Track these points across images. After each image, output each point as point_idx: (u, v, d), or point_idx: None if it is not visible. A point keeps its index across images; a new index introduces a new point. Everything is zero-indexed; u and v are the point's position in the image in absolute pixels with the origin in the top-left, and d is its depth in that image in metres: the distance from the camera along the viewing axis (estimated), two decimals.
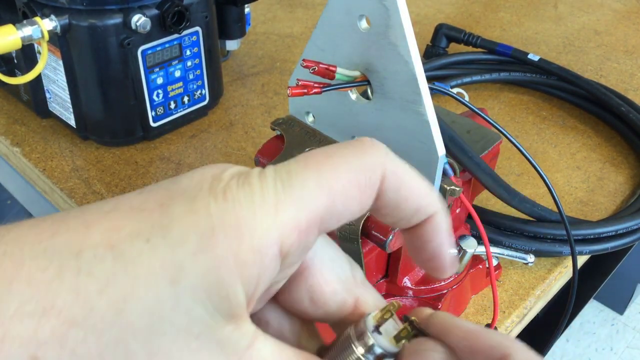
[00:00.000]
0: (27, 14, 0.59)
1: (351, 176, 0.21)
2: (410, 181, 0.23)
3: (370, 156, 0.22)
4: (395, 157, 0.22)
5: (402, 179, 0.22)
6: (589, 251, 0.56)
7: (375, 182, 0.21)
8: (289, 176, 0.20)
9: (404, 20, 0.34)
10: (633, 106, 0.73)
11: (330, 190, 0.20)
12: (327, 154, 0.21)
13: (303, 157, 0.21)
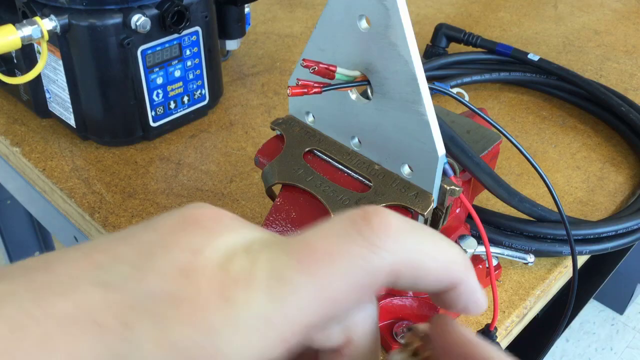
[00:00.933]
0: (27, 13, 0.59)
1: (352, 280, 0.19)
2: (426, 261, 0.21)
3: (378, 255, 0.19)
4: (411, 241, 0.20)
5: (415, 264, 0.20)
6: (589, 251, 0.56)
7: (379, 282, 0.19)
8: (284, 282, 0.18)
9: (404, 20, 0.34)
10: (633, 106, 0.73)
11: (325, 300, 0.18)
12: (326, 252, 0.19)
13: (297, 252, 0.19)
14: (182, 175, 0.64)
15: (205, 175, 0.64)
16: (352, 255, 0.19)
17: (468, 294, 0.22)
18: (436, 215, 0.41)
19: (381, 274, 0.19)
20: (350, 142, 0.42)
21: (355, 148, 0.42)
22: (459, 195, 0.41)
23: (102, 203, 0.60)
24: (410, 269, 0.20)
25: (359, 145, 0.42)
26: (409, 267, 0.20)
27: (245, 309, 0.17)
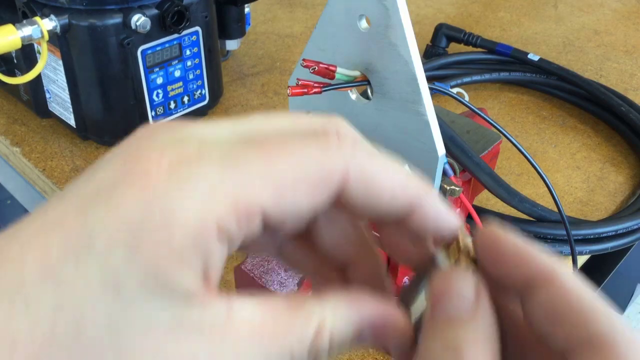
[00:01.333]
0: (27, 13, 0.59)
1: (304, 174, 0.20)
2: (380, 173, 0.21)
3: (331, 156, 0.20)
4: (364, 150, 0.21)
5: (368, 174, 0.21)
6: (589, 251, 0.56)
7: (332, 182, 0.20)
8: (236, 159, 0.19)
9: (404, 20, 0.34)
10: (633, 106, 0.73)
11: (277, 183, 0.19)
12: (285, 142, 0.20)
13: (259, 139, 0.20)
14: None
15: None
16: (306, 149, 0.20)
17: (432, 213, 0.22)
18: None
19: (333, 174, 0.20)
20: None
21: None
22: (459, 195, 0.41)
23: None
24: (363, 179, 0.21)
25: None
26: (362, 177, 0.21)
27: (195, 176, 0.18)
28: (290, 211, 0.20)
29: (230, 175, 0.19)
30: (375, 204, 0.22)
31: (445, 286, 0.21)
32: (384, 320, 0.22)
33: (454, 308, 0.21)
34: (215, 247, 0.19)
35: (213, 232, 0.19)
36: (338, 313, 0.21)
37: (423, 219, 0.23)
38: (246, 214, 0.19)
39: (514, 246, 0.22)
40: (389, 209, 0.22)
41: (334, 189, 0.21)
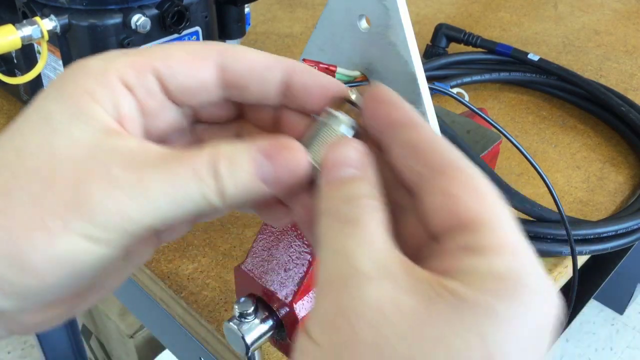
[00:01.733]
0: (27, 13, 0.59)
1: (186, 47, 0.26)
2: (251, 53, 0.27)
3: (209, 42, 0.27)
4: (238, 45, 0.27)
5: (241, 52, 0.26)
6: (589, 251, 0.56)
7: (210, 54, 0.26)
8: (139, 50, 0.26)
9: (404, 20, 0.34)
10: (633, 106, 0.73)
11: (164, 49, 0.26)
12: (176, 42, 0.27)
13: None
14: None
15: None
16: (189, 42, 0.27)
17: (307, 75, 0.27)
18: None
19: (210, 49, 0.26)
20: None
21: None
22: None
23: None
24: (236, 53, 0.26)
25: None
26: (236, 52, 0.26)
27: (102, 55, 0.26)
28: (181, 71, 0.26)
29: (127, 51, 0.26)
30: (254, 79, 0.26)
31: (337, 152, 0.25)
32: (279, 147, 0.25)
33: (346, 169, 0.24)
34: (120, 89, 0.25)
35: (114, 77, 0.25)
36: (236, 145, 0.25)
37: (303, 84, 0.27)
38: (140, 67, 0.25)
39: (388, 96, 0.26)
40: (268, 83, 0.27)
41: (211, 61, 0.26)
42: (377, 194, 0.24)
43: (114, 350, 1.21)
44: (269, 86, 0.27)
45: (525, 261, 0.21)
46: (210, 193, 0.24)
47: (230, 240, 0.57)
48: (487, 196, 0.23)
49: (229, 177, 0.24)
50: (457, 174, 0.23)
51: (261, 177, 0.25)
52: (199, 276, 0.54)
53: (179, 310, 0.53)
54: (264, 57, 0.27)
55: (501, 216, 0.23)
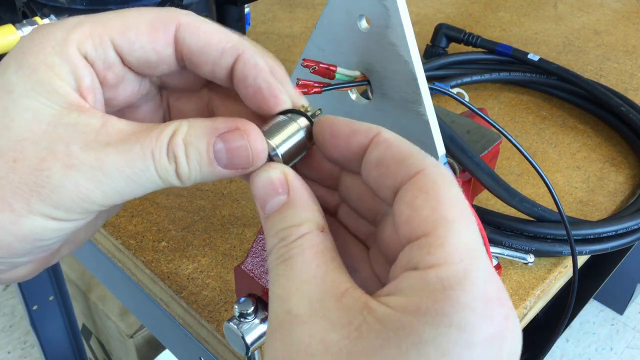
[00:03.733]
0: (27, 13, 0.59)
1: (143, 17, 0.26)
2: (207, 28, 0.26)
3: (165, 10, 0.26)
4: (196, 15, 0.27)
5: (197, 26, 0.26)
6: (589, 251, 0.56)
7: (167, 25, 0.26)
8: (96, 15, 0.26)
9: (404, 20, 0.34)
10: (633, 106, 0.73)
11: (123, 21, 0.26)
12: (135, 8, 0.27)
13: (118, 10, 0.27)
14: None
15: None
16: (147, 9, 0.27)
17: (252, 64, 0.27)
18: None
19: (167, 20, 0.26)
20: None
21: None
22: None
23: None
24: (193, 27, 0.26)
25: None
26: (193, 26, 0.26)
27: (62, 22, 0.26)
28: (138, 43, 0.26)
29: (86, 20, 0.26)
30: (206, 52, 0.26)
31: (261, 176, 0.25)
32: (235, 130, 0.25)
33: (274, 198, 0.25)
34: (80, 62, 0.25)
35: (74, 50, 0.25)
36: (193, 123, 0.25)
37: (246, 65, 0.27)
38: (98, 39, 0.25)
39: (346, 124, 0.26)
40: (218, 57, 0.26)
41: (169, 31, 0.26)
42: (311, 215, 0.24)
43: (114, 350, 1.21)
44: (220, 70, 0.27)
45: (464, 275, 0.20)
46: (168, 174, 0.24)
47: (230, 240, 0.57)
48: (442, 205, 0.21)
49: (185, 159, 0.24)
50: (421, 182, 0.22)
51: (217, 160, 0.25)
52: (199, 276, 0.54)
53: (179, 310, 0.53)
54: (218, 37, 0.27)
55: (452, 226, 0.21)
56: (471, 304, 0.19)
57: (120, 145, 0.24)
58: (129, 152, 0.24)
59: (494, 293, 0.20)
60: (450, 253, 0.20)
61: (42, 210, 0.24)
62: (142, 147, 0.24)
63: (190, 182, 0.25)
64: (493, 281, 0.20)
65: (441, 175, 0.22)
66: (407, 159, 0.23)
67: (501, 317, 0.19)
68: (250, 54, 0.27)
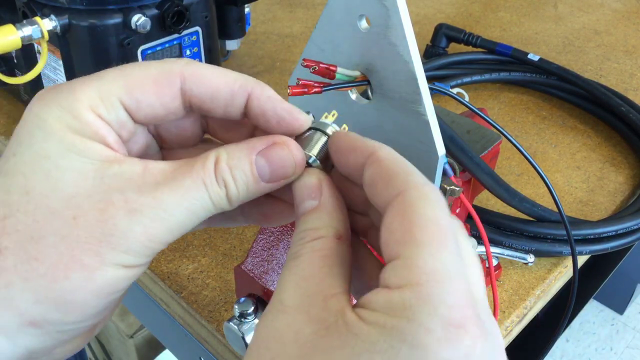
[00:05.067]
0: (27, 13, 0.59)
1: (147, 73, 0.26)
2: (214, 75, 0.27)
3: (167, 62, 0.27)
4: (198, 63, 0.27)
5: (203, 75, 0.27)
6: (589, 251, 0.56)
7: (172, 80, 0.27)
8: (97, 74, 0.26)
9: (404, 20, 0.34)
10: (633, 106, 0.73)
11: (127, 80, 0.26)
12: (137, 64, 0.27)
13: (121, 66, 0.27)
14: None
15: None
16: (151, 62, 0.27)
17: (265, 98, 0.27)
18: None
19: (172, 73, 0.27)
20: None
21: None
22: (459, 195, 0.41)
23: None
24: (199, 77, 0.27)
25: None
26: (198, 76, 0.27)
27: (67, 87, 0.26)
28: (145, 102, 0.26)
29: (90, 82, 0.26)
30: (216, 97, 0.27)
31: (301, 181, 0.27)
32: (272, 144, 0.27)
33: (306, 202, 0.26)
34: (99, 123, 0.26)
35: (90, 114, 0.25)
36: (230, 148, 0.26)
37: (258, 105, 0.27)
38: (108, 101, 0.26)
39: (348, 140, 0.27)
40: (229, 101, 0.27)
41: (175, 86, 0.27)
42: (331, 222, 0.26)
43: (114, 350, 1.21)
44: (233, 110, 0.28)
45: (426, 297, 0.20)
46: (220, 199, 0.26)
47: (230, 240, 0.57)
48: (413, 227, 0.22)
49: (233, 182, 0.26)
50: (399, 205, 0.23)
51: (260, 175, 0.26)
52: (199, 276, 0.54)
53: (179, 310, 0.53)
54: (224, 81, 0.27)
55: (421, 249, 0.22)
56: (428, 326, 0.20)
57: (170, 182, 0.25)
58: (183, 187, 0.25)
59: (460, 318, 0.20)
60: (415, 275, 0.21)
61: (114, 260, 0.24)
62: (193, 180, 0.25)
63: (237, 203, 0.27)
64: (462, 306, 0.20)
65: (420, 196, 0.23)
66: (392, 179, 0.24)
67: (464, 346, 0.20)
68: (260, 90, 0.28)
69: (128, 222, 0.24)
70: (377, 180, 0.25)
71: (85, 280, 0.24)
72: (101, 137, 0.26)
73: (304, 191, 0.27)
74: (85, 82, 0.26)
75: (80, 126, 0.25)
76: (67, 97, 0.25)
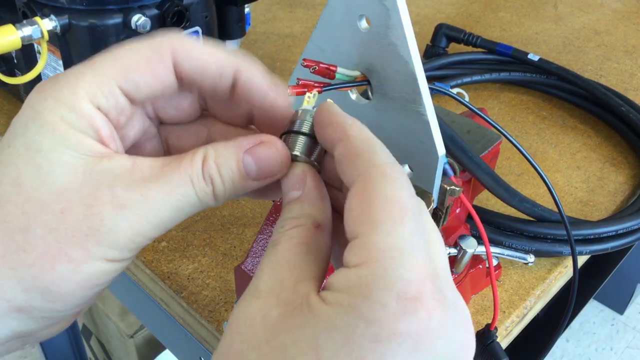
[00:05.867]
0: (27, 13, 0.59)
1: (139, 54, 0.27)
2: (204, 50, 0.27)
3: (156, 39, 0.27)
4: (187, 37, 0.27)
5: (193, 49, 0.27)
6: (589, 251, 0.56)
7: (163, 55, 0.27)
8: (91, 61, 0.26)
9: (404, 20, 0.34)
10: (633, 106, 0.73)
11: (122, 64, 0.26)
12: (127, 46, 0.27)
13: (110, 50, 0.27)
14: None
15: None
16: (141, 41, 0.27)
17: (251, 73, 0.28)
18: (436, 215, 0.41)
19: (162, 50, 0.27)
20: None
21: None
22: (459, 195, 0.41)
23: None
24: (188, 51, 0.27)
25: None
26: (187, 50, 0.27)
27: (64, 78, 0.26)
28: (142, 82, 0.27)
29: (85, 71, 0.26)
30: (206, 74, 0.27)
31: (284, 179, 0.28)
32: (259, 142, 0.27)
33: (291, 193, 0.27)
34: (95, 114, 0.26)
35: (87, 104, 0.25)
36: (218, 146, 0.27)
37: (250, 85, 0.28)
38: (107, 89, 0.26)
39: (327, 114, 0.27)
40: (218, 77, 0.27)
41: (167, 62, 0.27)
42: (312, 211, 0.26)
43: (114, 350, 1.21)
44: (220, 87, 0.28)
45: (381, 274, 0.21)
46: (206, 196, 0.26)
47: (230, 240, 0.57)
48: (371, 206, 0.23)
49: (220, 179, 0.26)
50: (359, 184, 0.24)
51: (247, 173, 0.27)
52: (199, 276, 0.54)
53: (179, 310, 0.53)
54: (215, 58, 0.27)
55: (377, 227, 0.22)
56: (383, 301, 0.20)
57: (158, 178, 0.25)
58: (170, 183, 0.25)
59: (415, 292, 0.21)
60: (371, 253, 0.22)
61: (100, 253, 0.25)
62: (180, 176, 0.26)
63: (224, 200, 0.27)
64: (419, 280, 0.21)
65: (380, 176, 0.23)
66: (357, 158, 0.24)
67: (418, 319, 0.20)
68: (247, 65, 0.28)
69: (115, 217, 0.24)
70: (344, 159, 0.25)
71: (71, 272, 0.24)
72: (96, 129, 0.26)
73: (289, 182, 0.28)
74: (81, 72, 0.26)
75: (75, 119, 0.25)
76: (64, 89, 0.26)
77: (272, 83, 0.29)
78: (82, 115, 0.25)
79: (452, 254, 0.48)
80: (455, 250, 0.48)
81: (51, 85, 0.26)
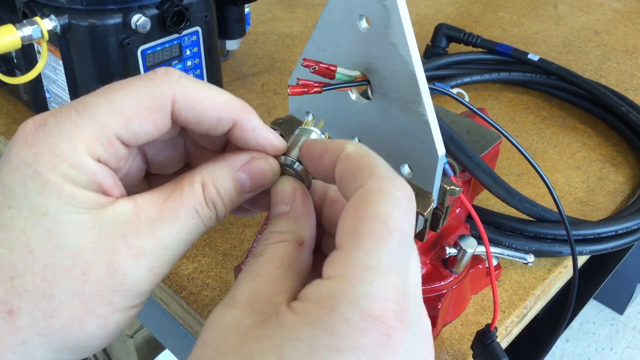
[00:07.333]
0: (27, 13, 0.59)
1: (140, 102, 0.26)
2: (204, 99, 0.27)
3: (158, 85, 0.26)
4: (188, 81, 0.27)
5: (194, 99, 0.27)
6: (589, 251, 0.56)
7: (165, 105, 0.26)
8: (85, 106, 0.25)
9: (404, 20, 0.34)
10: (633, 106, 0.73)
11: (122, 113, 0.26)
12: (122, 85, 0.26)
13: (102, 88, 0.26)
14: None
15: None
16: (140, 86, 0.26)
17: (250, 128, 0.28)
18: (436, 215, 0.41)
19: (163, 98, 0.26)
20: None
21: None
22: (459, 195, 0.41)
23: None
24: (189, 101, 0.27)
25: None
26: (188, 99, 0.27)
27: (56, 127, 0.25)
28: (143, 131, 0.26)
29: (82, 121, 0.25)
30: (203, 121, 0.27)
31: (277, 187, 0.29)
32: (253, 159, 0.28)
33: (279, 207, 0.28)
34: (97, 168, 0.25)
35: (87, 158, 0.25)
36: (211, 169, 0.27)
37: (243, 134, 0.28)
38: (106, 141, 0.25)
39: (319, 145, 0.28)
40: (215, 124, 0.28)
41: (167, 110, 0.27)
42: (297, 228, 0.27)
43: (114, 350, 1.21)
44: (213, 134, 0.29)
45: (349, 289, 0.21)
46: (210, 220, 0.27)
47: (230, 240, 0.57)
48: (361, 220, 0.23)
49: (221, 201, 0.27)
50: (355, 198, 0.24)
51: (242, 188, 0.28)
52: (199, 276, 0.54)
53: (179, 310, 0.53)
54: (214, 106, 0.27)
55: (359, 241, 0.23)
56: (346, 315, 0.21)
57: (166, 217, 0.26)
58: (178, 219, 0.26)
59: (378, 310, 0.21)
60: (347, 268, 0.22)
61: (125, 304, 0.25)
62: (186, 210, 0.26)
63: (223, 218, 0.28)
64: (385, 299, 0.21)
65: (377, 191, 0.24)
66: (358, 173, 0.25)
67: (378, 334, 0.21)
68: (247, 119, 0.29)
69: (136, 269, 0.25)
70: (344, 176, 0.25)
71: (99, 328, 0.25)
72: (99, 183, 0.26)
73: (278, 196, 0.28)
74: (77, 123, 0.25)
75: (77, 175, 0.25)
76: (60, 143, 0.25)
77: (269, 138, 0.29)
78: (84, 171, 0.25)
79: (452, 254, 0.48)
80: (455, 250, 0.48)
81: (44, 138, 0.25)
